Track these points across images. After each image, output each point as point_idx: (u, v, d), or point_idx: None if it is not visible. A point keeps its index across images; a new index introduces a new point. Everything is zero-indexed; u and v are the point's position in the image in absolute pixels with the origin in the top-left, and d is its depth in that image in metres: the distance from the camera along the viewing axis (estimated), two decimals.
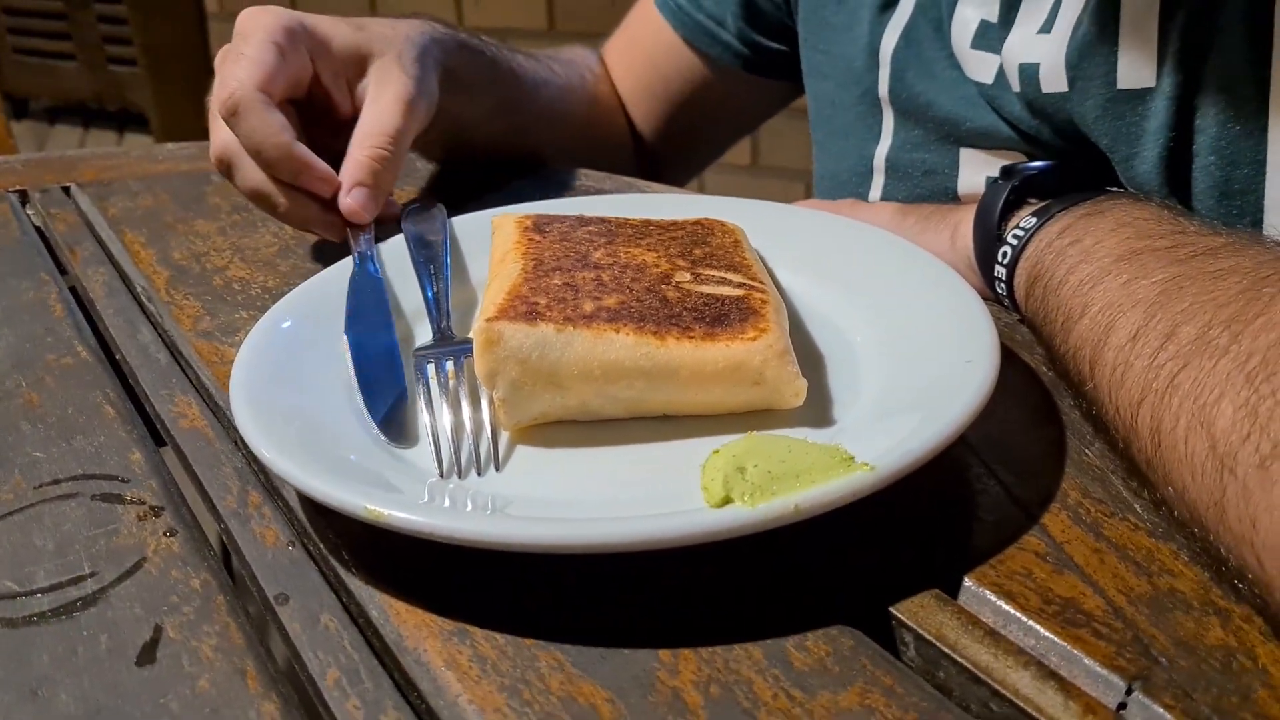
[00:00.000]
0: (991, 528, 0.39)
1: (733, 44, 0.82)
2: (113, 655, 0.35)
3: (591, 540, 0.34)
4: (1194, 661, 0.33)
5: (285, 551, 0.40)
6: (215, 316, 0.57)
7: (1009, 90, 0.58)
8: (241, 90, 0.55)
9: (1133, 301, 0.40)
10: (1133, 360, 0.38)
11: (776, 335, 0.42)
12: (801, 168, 1.90)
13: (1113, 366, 0.39)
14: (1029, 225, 0.49)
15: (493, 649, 0.35)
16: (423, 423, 0.43)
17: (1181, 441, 0.35)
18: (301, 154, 0.56)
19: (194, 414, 0.49)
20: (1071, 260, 0.45)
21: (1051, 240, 0.47)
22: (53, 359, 0.54)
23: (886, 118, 0.69)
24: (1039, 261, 0.47)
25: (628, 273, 0.46)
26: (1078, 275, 0.44)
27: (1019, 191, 0.51)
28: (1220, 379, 0.34)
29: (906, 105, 0.66)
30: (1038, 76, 0.56)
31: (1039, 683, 0.33)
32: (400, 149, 0.58)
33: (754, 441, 0.37)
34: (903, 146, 0.67)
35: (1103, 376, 0.40)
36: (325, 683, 0.34)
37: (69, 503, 0.43)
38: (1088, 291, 0.43)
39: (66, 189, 0.78)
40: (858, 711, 0.32)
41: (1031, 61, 0.56)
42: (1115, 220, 0.45)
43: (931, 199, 0.67)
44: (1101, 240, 0.44)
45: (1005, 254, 0.50)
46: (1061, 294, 0.44)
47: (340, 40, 0.60)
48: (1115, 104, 0.53)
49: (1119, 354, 0.39)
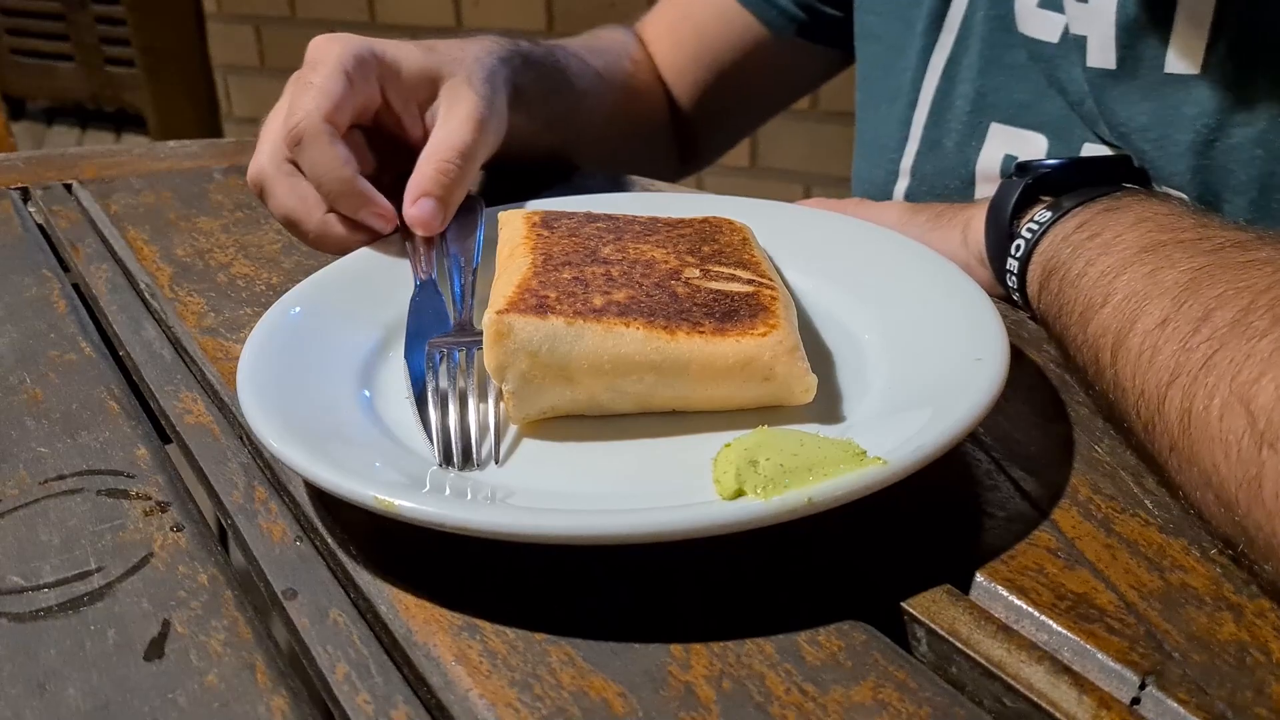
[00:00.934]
0: (1002, 523, 0.39)
1: (789, 8, 0.83)
2: (120, 650, 0.35)
3: (603, 531, 0.34)
4: (1207, 657, 0.33)
5: (293, 547, 0.40)
6: (219, 313, 0.57)
7: (1070, 54, 0.59)
8: (308, 121, 0.54)
9: (1160, 289, 0.40)
10: (1161, 344, 0.38)
11: (787, 331, 0.42)
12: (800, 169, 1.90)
13: (1138, 351, 0.39)
14: (1043, 220, 0.49)
15: (503, 643, 0.34)
16: (432, 415, 0.42)
17: (1216, 420, 0.35)
18: (363, 188, 0.55)
19: (199, 410, 0.49)
20: (1091, 253, 0.45)
21: (1068, 234, 0.47)
22: (56, 355, 0.54)
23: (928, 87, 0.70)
24: (1054, 255, 0.47)
25: (637, 268, 0.45)
26: (1098, 267, 0.44)
27: (1033, 188, 0.51)
28: (1261, 359, 0.34)
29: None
30: (1085, 49, 0.56)
31: (1053, 678, 0.33)
32: (470, 166, 0.57)
33: (766, 435, 0.37)
34: (938, 119, 0.68)
35: (1126, 362, 0.40)
36: (335, 677, 0.34)
37: (74, 498, 0.43)
38: (1110, 282, 0.42)
39: (68, 186, 0.78)
40: (871, 706, 0.32)
41: (1079, 34, 0.56)
42: (1135, 215, 0.45)
43: (950, 175, 0.68)
44: (1122, 234, 0.44)
45: (1018, 248, 0.50)
46: (1081, 285, 0.44)
47: (410, 64, 0.60)
48: (1159, 86, 0.53)
49: (1146, 339, 0.39)
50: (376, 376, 0.46)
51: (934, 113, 0.71)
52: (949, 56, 0.70)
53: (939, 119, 0.70)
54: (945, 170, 0.70)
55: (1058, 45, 0.60)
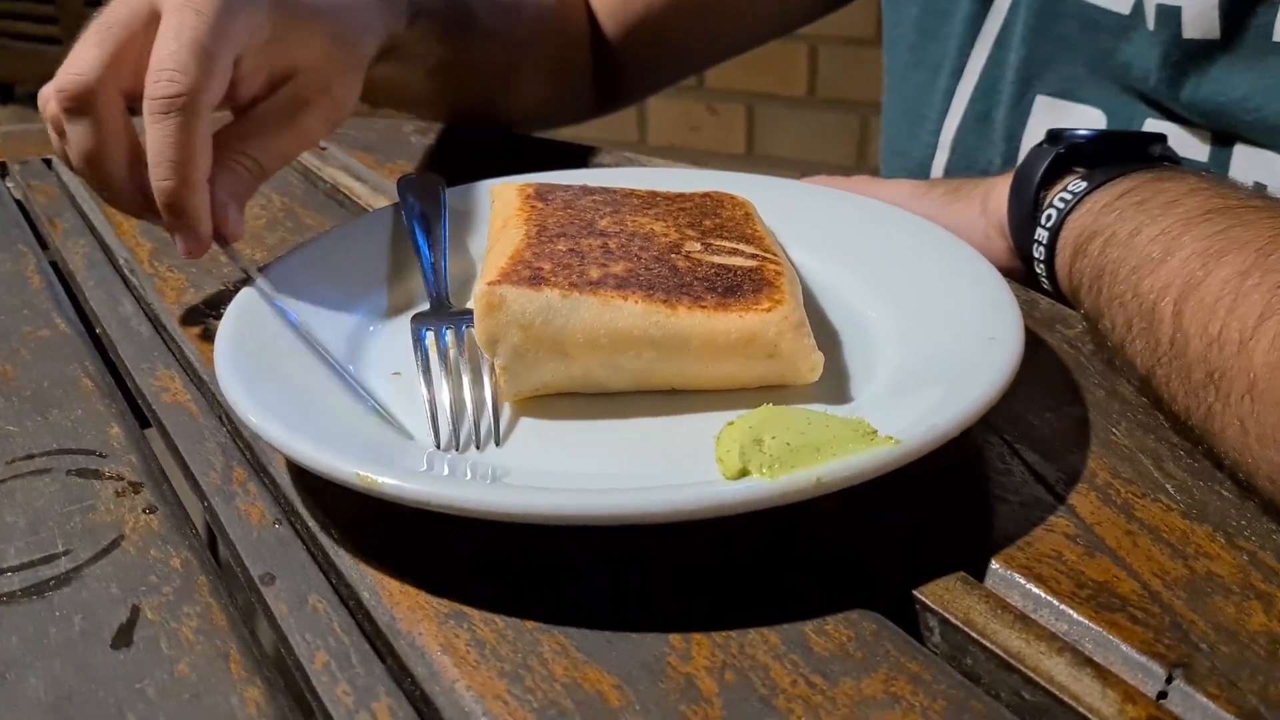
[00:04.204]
0: (1017, 509, 0.37)
1: None
2: (86, 637, 0.33)
3: (599, 511, 0.32)
4: (1236, 648, 0.31)
5: (271, 530, 0.38)
6: (200, 289, 0.55)
7: (1144, 26, 0.56)
8: (188, 92, 0.45)
9: (1237, 245, 0.38)
10: (1247, 290, 0.36)
11: (792, 307, 0.40)
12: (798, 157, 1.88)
13: (1216, 297, 0.37)
14: (1078, 189, 0.47)
15: (492, 632, 0.32)
16: (420, 393, 0.40)
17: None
18: (200, 208, 0.48)
19: (176, 388, 0.47)
20: (1144, 216, 0.43)
21: (1111, 201, 0.45)
22: (29, 331, 0.52)
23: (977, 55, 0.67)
24: (1095, 222, 0.45)
25: (635, 241, 0.43)
26: (1156, 227, 0.42)
27: (1064, 158, 0.49)
28: None
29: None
30: (1179, 20, 0.54)
31: (1074, 670, 0.31)
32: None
33: (771, 413, 0.35)
34: (987, 91, 0.66)
35: (1198, 311, 0.38)
36: (313, 667, 0.32)
37: (43, 478, 0.41)
38: (1175, 238, 0.40)
39: (48, 161, 0.75)
40: (883, 699, 0.30)
41: (1172, 4, 0.54)
42: (1189, 185, 0.43)
43: (992, 150, 0.65)
44: (1179, 199, 0.42)
45: (1049, 217, 0.48)
46: (1135, 243, 0.42)
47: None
48: (1267, 55, 0.51)
49: (1225, 286, 0.37)
50: (360, 352, 0.44)
51: (982, 84, 0.67)
52: (1003, 23, 0.66)
53: (988, 91, 0.67)
54: (989, 144, 0.67)
55: (1129, 16, 0.57)
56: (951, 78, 0.69)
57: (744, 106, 1.91)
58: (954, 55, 0.69)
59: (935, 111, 0.70)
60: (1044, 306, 0.51)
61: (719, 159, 1.90)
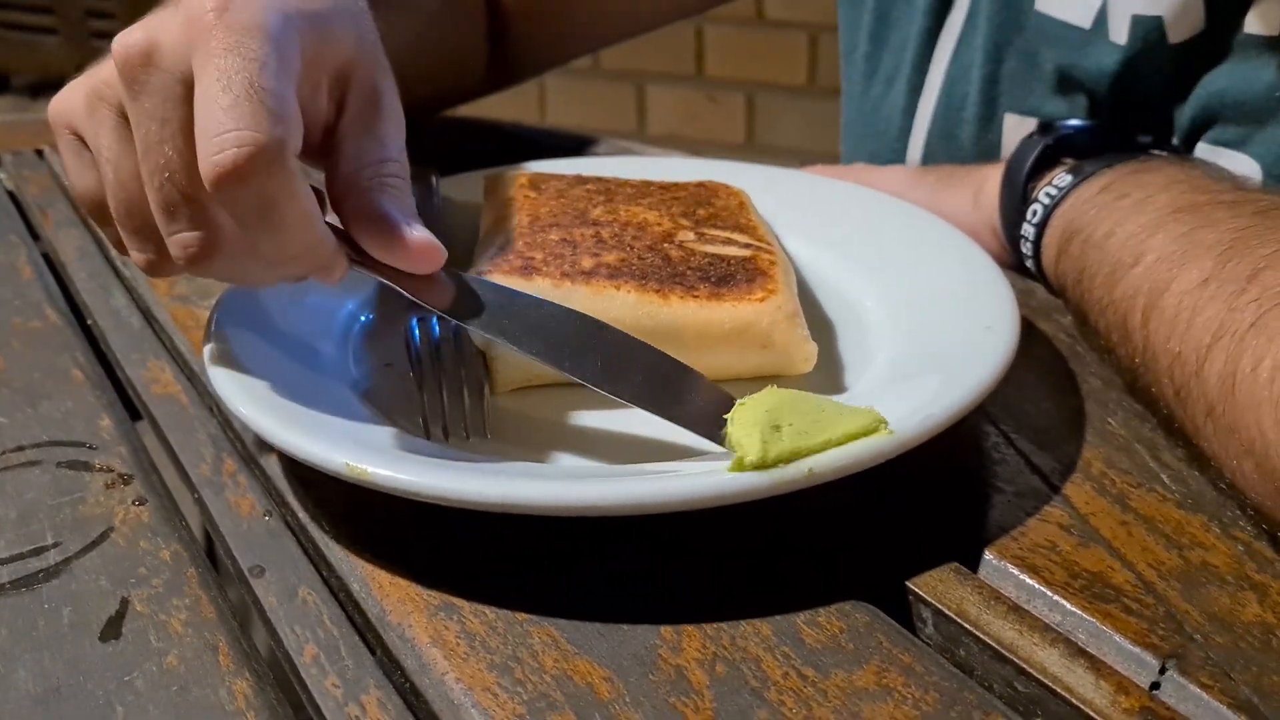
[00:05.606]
0: (1011, 499, 0.37)
1: None
2: (75, 630, 0.33)
3: (590, 502, 0.32)
4: (1231, 639, 0.31)
5: (261, 522, 0.37)
6: (191, 280, 0.54)
7: (1105, 40, 0.53)
8: (259, 148, 0.32)
9: (1200, 249, 0.38)
10: (1203, 304, 0.36)
11: (786, 297, 0.40)
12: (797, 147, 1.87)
13: (1175, 312, 0.37)
14: (1064, 183, 0.46)
15: (482, 624, 0.32)
16: (409, 384, 0.40)
17: (1266, 382, 0.33)
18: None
19: (167, 379, 0.46)
20: (1119, 215, 0.42)
21: (1092, 196, 0.45)
22: (19, 322, 0.51)
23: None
24: (1076, 219, 0.45)
25: (628, 230, 0.43)
26: (1128, 227, 0.41)
27: (1053, 149, 0.48)
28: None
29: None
30: (1162, 28, 0.51)
31: (1067, 661, 0.31)
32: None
33: (782, 396, 0.34)
34: (949, 109, 0.63)
35: (1160, 324, 0.38)
36: (303, 659, 0.32)
37: (33, 470, 0.40)
38: (1142, 241, 0.40)
39: (40, 152, 0.75)
40: (875, 691, 0.30)
41: (1152, 14, 0.51)
42: (1168, 177, 0.43)
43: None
44: (1153, 195, 0.42)
45: (1035, 212, 0.47)
46: (1108, 247, 0.42)
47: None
48: (1248, 48, 0.49)
49: (1184, 299, 0.37)
50: (351, 343, 0.44)
51: (944, 100, 0.64)
52: (959, 37, 0.62)
53: (950, 108, 0.63)
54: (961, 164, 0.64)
55: (1090, 30, 0.54)
56: (911, 94, 0.65)
57: (744, 96, 1.90)
58: (909, 70, 0.65)
59: (895, 129, 0.67)
60: (1040, 295, 0.50)
61: (718, 148, 1.89)
